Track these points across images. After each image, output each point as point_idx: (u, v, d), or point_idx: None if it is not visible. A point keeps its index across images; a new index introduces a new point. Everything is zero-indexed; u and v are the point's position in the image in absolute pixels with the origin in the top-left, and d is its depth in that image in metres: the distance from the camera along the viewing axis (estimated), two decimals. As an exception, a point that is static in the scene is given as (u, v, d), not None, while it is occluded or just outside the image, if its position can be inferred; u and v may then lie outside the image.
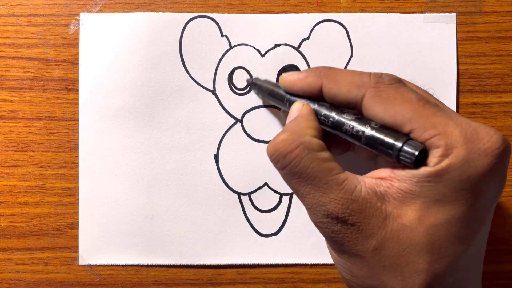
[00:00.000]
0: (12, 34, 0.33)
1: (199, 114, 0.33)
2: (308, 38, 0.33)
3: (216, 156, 0.33)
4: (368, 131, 0.23)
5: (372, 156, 0.27)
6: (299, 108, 0.26)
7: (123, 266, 0.34)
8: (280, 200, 0.34)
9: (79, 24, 0.33)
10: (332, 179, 0.22)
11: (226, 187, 0.33)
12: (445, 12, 0.33)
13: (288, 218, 0.34)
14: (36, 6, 0.33)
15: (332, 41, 0.33)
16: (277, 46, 0.33)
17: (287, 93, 0.28)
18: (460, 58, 0.33)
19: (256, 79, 0.32)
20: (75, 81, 0.33)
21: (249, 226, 0.33)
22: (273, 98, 0.29)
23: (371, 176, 0.23)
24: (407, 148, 0.21)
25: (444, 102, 0.25)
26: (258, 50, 0.33)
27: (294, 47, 0.33)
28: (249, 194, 0.33)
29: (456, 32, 0.33)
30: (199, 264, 0.33)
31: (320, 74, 0.25)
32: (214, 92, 0.33)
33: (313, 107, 0.26)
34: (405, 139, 0.21)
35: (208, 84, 0.33)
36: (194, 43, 0.33)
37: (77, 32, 0.33)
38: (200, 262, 0.33)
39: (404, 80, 0.25)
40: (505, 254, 0.34)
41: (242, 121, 0.33)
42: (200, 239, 0.33)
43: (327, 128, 0.25)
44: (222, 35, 0.33)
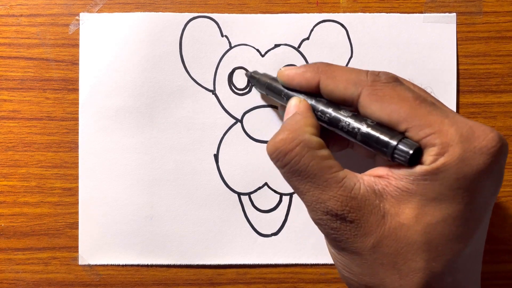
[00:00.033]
0: (12, 34, 0.33)
1: (199, 114, 0.33)
2: (308, 38, 0.33)
3: (216, 156, 0.33)
4: (363, 128, 0.23)
5: (371, 154, 0.27)
6: (296, 104, 0.26)
7: (123, 266, 0.34)
8: (280, 200, 0.34)
9: (79, 24, 0.33)
10: (331, 176, 0.22)
11: (226, 187, 0.33)
12: (445, 12, 0.33)
13: (288, 218, 0.34)
14: (36, 6, 0.33)
15: (332, 41, 0.33)
16: (277, 46, 0.33)
17: (285, 87, 0.28)
18: (460, 58, 0.33)
19: (254, 72, 0.32)
20: (75, 81, 0.33)
21: (249, 226, 0.33)
22: (271, 92, 0.29)
23: (369, 174, 0.23)
24: (401, 146, 0.21)
25: (444, 102, 0.25)
26: (258, 50, 0.33)
27: (294, 47, 0.33)
28: (249, 194, 0.33)
29: (456, 32, 0.33)
30: (199, 264, 0.33)
31: (318, 70, 0.25)
32: (214, 92, 0.33)
33: (310, 102, 0.26)
34: (400, 138, 0.21)
35: (208, 84, 0.33)
36: (194, 43, 0.33)
37: (77, 32, 0.33)
38: (200, 262, 0.33)
39: (401, 78, 0.25)
40: (505, 254, 0.34)
41: (242, 121, 0.33)
42: (200, 239, 0.33)
43: (323, 124, 0.25)
44: (222, 35, 0.33)
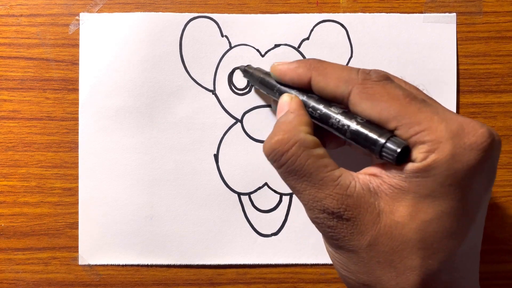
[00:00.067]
0: (12, 34, 0.33)
1: (199, 114, 0.33)
2: (308, 38, 0.33)
3: (216, 156, 0.33)
4: (353, 126, 0.23)
5: (368, 152, 0.27)
6: (288, 101, 0.26)
7: (123, 266, 0.34)
8: (280, 200, 0.34)
9: (79, 24, 0.33)
10: (326, 175, 0.22)
11: (226, 187, 0.33)
12: (445, 12, 0.33)
13: (288, 218, 0.34)
14: (36, 6, 0.33)
15: (332, 41, 0.33)
16: (277, 46, 0.33)
17: (278, 82, 0.28)
18: (460, 58, 0.33)
19: (248, 66, 0.32)
20: (75, 81, 0.33)
21: (249, 226, 0.33)
22: (263, 86, 0.29)
23: (364, 173, 0.23)
24: (389, 144, 0.21)
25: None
26: (258, 50, 0.33)
27: (294, 47, 0.33)
28: (249, 194, 0.33)
29: (456, 32, 0.33)
30: (199, 264, 0.33)
31: (310, 67, 0.25)
32: (214, 92, 0.33)
33: (301, 98, 0.26)
34: (388, 136, 0.21)
35: (208, 84, 0.33)
36: (194, 43, 0.33)
37: (77, 32, 0.33)
38: (200, 262, 0.33)
39: (392, 76, 0.25)
40: (504, 254, 0.34)
41: (242, 121, 0.33)
42: (200, 239, 0.33)
43: (314, 120, 0.25)
44: (222, 35, 0.33)
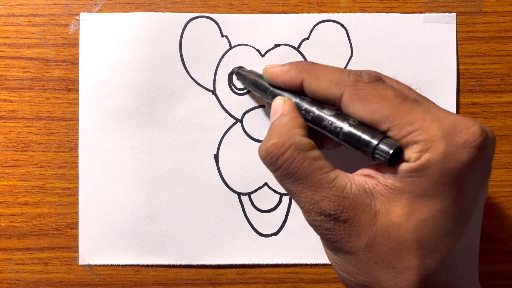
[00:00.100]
0: (12, 34, 0.33)
1: (199, 114, 0.33)
2: (308, 38, 0.33)
3: (216, 156, 0.33)
4: (346, 128, 0.23)
5: None
6: (281, 104, 0.26)
7: (123, 266, 0.34)
8: (280, 200, 0.34)
9: (79, 24, 0.33)
10: (322, 177, 0.22)
11: (226, 187, 0.33)
12: (445, 12, 0.33)
13: (288, 218, 0.34)
14: (36, 6, 0.33)
15: (332, 41, 0.33)
16: (277, 46, 0.33)
17: (271, 85, 0.28)
18: (460, 58, 0.33)
19: (241, 69, 0.32)
20: (75, 81, 0.33)
21: (249, 226, 0.33)
22: (256, 89, 0.29)
23: (359, 174, 0.23)
24: (382, 146, 0.21)
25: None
26: (258, 50, 0.33)
27: (294, 47, 0.33)
28: (249, 194, 0.33)
29: (456, 32, 0.33)
30: (199, 264, 0.33)
31: (302, 69, 0.25)
32: (214, 92, 0.33)
33: (294, 100, 0.26)
34: (381, 137, 0.21)
35: (208, 84, 0.33)
36: (194, 43, 0.33)
37: (77, 32, 0.33)
38: (200, 262, 0.33)
39: (384, 76, 0.25)
40: (504, 254, 0.34)
41: (242, 121, 0.33)
42: (200, 239, 0.33)
43: (308, 122, 0.25)
44: (222, 35, 0.33)
